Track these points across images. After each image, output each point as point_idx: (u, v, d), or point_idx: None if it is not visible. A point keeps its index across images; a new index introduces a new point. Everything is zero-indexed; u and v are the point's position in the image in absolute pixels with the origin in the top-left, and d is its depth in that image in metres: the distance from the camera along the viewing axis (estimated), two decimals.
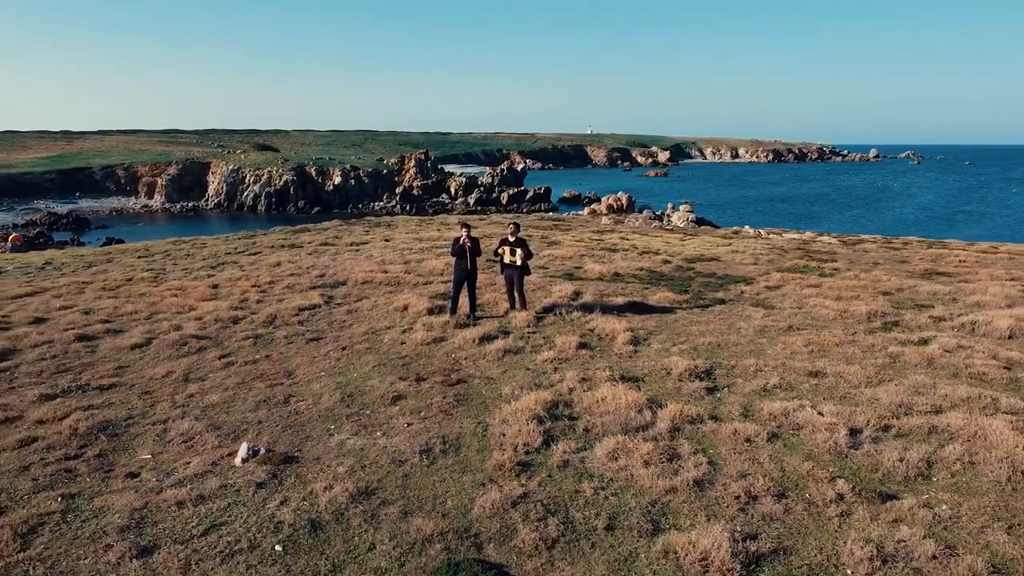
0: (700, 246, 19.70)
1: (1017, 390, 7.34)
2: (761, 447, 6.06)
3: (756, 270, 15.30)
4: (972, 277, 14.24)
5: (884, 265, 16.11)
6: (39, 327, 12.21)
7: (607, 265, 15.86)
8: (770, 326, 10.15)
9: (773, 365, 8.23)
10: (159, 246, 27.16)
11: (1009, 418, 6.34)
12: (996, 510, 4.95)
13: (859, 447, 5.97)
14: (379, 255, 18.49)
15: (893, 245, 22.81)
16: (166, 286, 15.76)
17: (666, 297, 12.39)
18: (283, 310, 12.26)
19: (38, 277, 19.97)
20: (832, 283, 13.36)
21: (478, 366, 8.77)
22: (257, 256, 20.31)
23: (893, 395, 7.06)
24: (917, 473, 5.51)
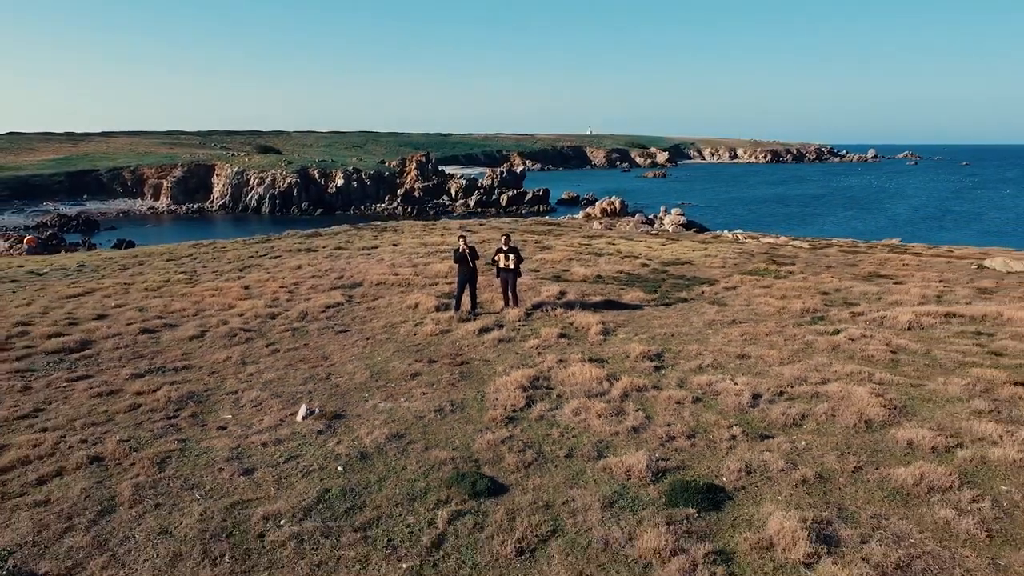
0: (677, 251, 21.90)
1: (893, 368, 9.51)
2: (686, 407, 8.23)
3: (721, 273, 17.48)
4: (907, 279, 16.43)
5: (835, 268, 18.31)
6: (103, 322, 14.38)
7: (591, 268, 18.06)
8: (718, 320, 12.34)
9: (711, 350, 10.41)
10: (182, 249, 29.29)
11: (873, 386, 8.52)
12: (836, 444, 7.12)
13: (756, 406, 8.15)
14: (389, 259, 20.67)
15: (858, 249, 24.98)
16: (203, 287, 17.92)
17: (638, 296, 14.57)
18: (312, 307, 14.43)
19: (80, 279, 22.09)
20: (781, 284, 15.55)
21: (477, 351, 10.94)
22: (278, 260, 22.48)
23: (795, 371, 9.23)
24: (792, 423, 7.68)
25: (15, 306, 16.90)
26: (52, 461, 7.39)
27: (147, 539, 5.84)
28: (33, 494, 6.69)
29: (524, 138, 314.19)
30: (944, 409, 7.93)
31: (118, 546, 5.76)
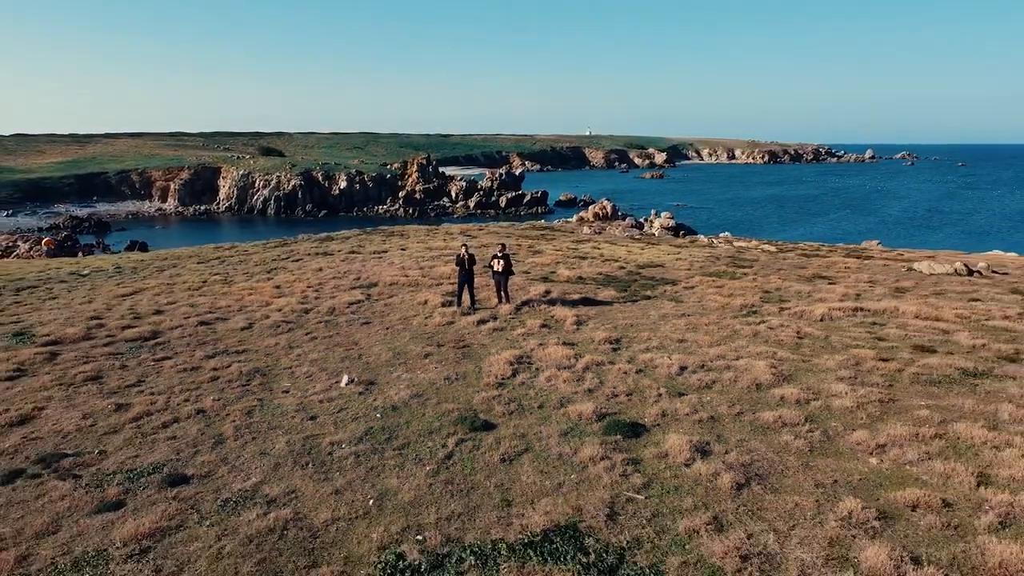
0: (653, 255, 24.78)
1: (794, 349, 12.37)
2: (630, 375, 11.08)
3: (685, 274, 20.35)
4: (841, 280, 19.30)
5: (784, 271, 21.18)
6: (163, 316, 17.23)
7: (575, 271, 20.93)
8: (670, 313, 15.21)
9: (658, 336, 13.27)
10: (207, 253, 32.12)
11: (772, 362, 11.38)
12: (730, 399, 9.99)
13: (681, 375, 11.01)
14: (399, 262, 23.54)
15: (818, 252, 27.85)
16: (239, 287, 20.77)
17: (610, 294, 17.44)
18: (337, 304, 17.29)
19: (124, 279, 24.90)
20: (733, 284, 18.43)
21: (475, 338, 13.80)
22: (299, 263, 25.33)
23: (718, 351, 12.10)
24: (704, 386, 10.54)
25: (79, 303, 19.77)
26: (168, 413, 10.26)
27: (253, 457, 8.71)
28: (163, 433, 9.55)
29: (523, 139, 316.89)
30: (817, 376, 10.80)
31: (234, 460, 8.62)
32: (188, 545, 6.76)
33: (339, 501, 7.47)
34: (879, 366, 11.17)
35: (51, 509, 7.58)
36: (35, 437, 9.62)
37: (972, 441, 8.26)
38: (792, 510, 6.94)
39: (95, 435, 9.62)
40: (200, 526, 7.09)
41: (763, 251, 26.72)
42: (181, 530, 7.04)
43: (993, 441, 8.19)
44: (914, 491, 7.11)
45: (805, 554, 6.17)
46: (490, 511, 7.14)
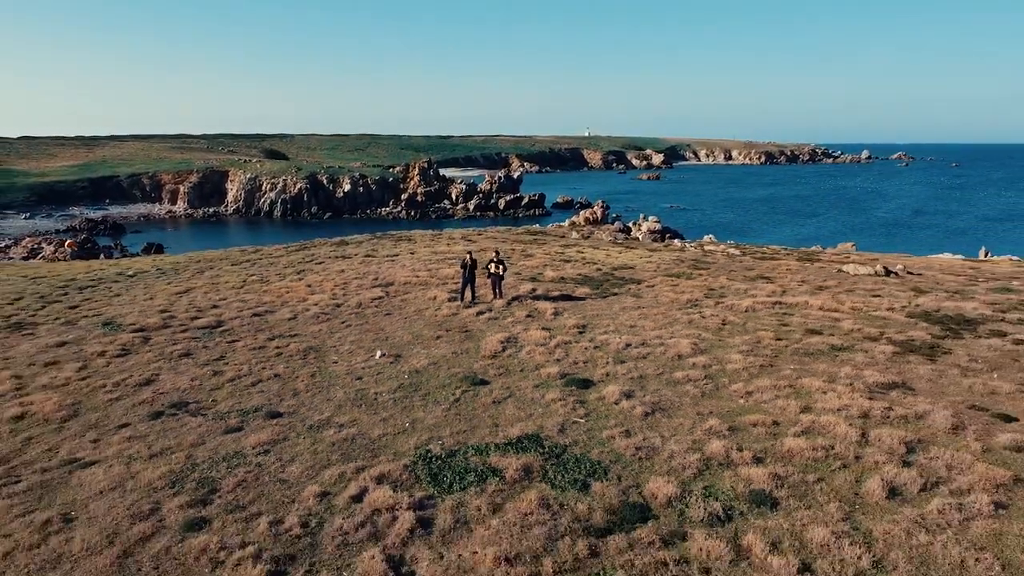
0: (628, 258, 28.76)
1: (716, 332, 16.32)
2: (590, 350, 15.04)
3: (650, 275, 24.32)
4: (778, 279, 23.26)
5: (735, 272, 25.15)
6: (219, 309, 21.18)
7: (558, 272, 24.90)
8: (629, 306, 19.18)
9: (615, 323, 17.24)
10: (236, 255, 36.05)
11: (695, 340, 15.34)
12: (657, 366, 13.94)
13: (625, 349, 14.97)
14: (409, 264, 27.50)
15: (777, 256, 31.81)
16: (275, 286, 24.70)
17: (584, 291, 21.40)
18: (363, 299, 21.25)
19: (172, 279, 28.79)
20: (686, 283, 22.40)
21: (475, 324, 17.76)
22: (323, 265, 29.29)
23: (657, 333, 16.06)
24: (640, 356, 14.50)
25: (143, 300, 23.72)
26: (252, 376, 14.22)
27: (321, 401, 12.67)
28: (254, 389, 13.52)
29: (522, 140, 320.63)
30: (724, 350, 14.77)
31: (309, 404, 12.57)
32: (293, 447, 10.73)
33: (385, 425, 11.45)
34: (773, 343, 15.15)
35: (194, 432, 11.55)
36: (161, 392, 13.60)
37: (810, 389, 12.23)
38: (676, 426, 10.92)
39: (204, 391, 13.60)
40: (298, 439, 11.06)
41: (726, 255, 30.68)
42: (286, 441, 11.01)
43: (823, 389, 12.16)
44: (758, 416, 11.09)
45: (676, 447, 10.14)
46: (484, 428, 11.12)
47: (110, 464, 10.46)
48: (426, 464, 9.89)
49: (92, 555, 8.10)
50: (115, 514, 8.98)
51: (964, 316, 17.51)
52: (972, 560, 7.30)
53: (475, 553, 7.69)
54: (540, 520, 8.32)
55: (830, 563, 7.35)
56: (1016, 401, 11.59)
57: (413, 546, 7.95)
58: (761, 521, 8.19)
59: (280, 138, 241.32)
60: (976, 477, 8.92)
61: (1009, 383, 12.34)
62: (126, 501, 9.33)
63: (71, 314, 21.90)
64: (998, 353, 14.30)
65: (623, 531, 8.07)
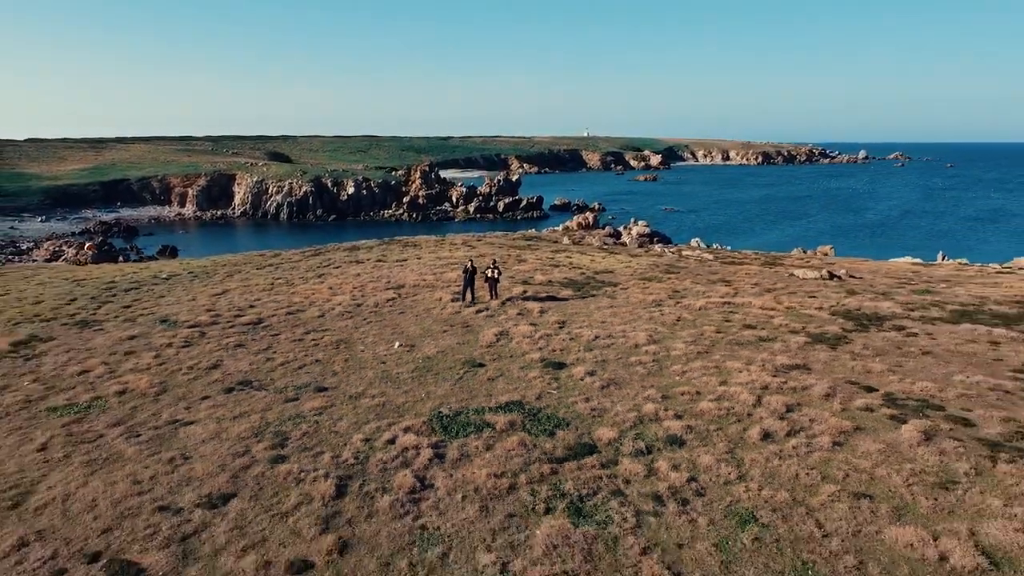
0: (610, 263, 32.51)
1: (670, 327, 20.05)
2: (566, 340, 18.79)
3: (626, 279, 28.06)
4: (736, 283, 26.99)
5: (701, 276, 28.89)
6: (257, 308, 24.93)
7: (547, 276, 28.65)
8: (603, 306, 22.93)
9: (589, 319, 20.99)
10: (259, 260, 39.75)
11: (651, 333, 19.09)
12: (617, 352, 17.69)
13: (595, 340, 18.73)
14: (417, 269, 31.25)
15: (745, 261, 35.56)
16: (301, 288, 28.44)
17: (568, 293, 25.15)
18: (379, 300, 24.99)
19: (207, 282, 32.49)
20: (655, 286, 26.13)
21: (475, 321, 21.51)
22: (340, 269, 33.03)
23: (622, 327, 19.81)
24: (605, 345, 18.26)
25: (187, 300, 27.45)
26: (298, 362, 17.96)
27: (356, 379, 16.42)
28: (301, 371, 17.26)
29: (522, 141, 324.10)
30: (673, 341, 18.51)
31: (347, 381, 16.32)
32: (340, 411, 14.48)
33: (407, 395, 15.21)
34: (713, 336, 18.90)
35: (262, 401, 15.29)
36: (228, 374, 17.35)
37: (731, 369, 15.99)
38: (623, 395, 14.68)
39: (262, 372, 17.36)
40: (342, 405, 14.81)
41: (699, 260, 34.44)
42: (333, 407, 14.75)
43: (741, 369, 15.91)
44: (686, 388, 14.84)
45: (620, 408, 13.89)
46: (481, 397, 14.88)
47: (205, 423, 14.22)
48: (439, 420, 13.65)
49: (211, 477, 11.84)
50: (219, 453, 12.73)
51: (877, 314, 21.28)
52: (803, 474, 11.05)
53: (474, 473, 11.44)
54: (519, 454, 12.07)
55: (709, 476, 11.11)
56: (882, 377, 15.35)
57: (431, 470, 11.70)
58: (670, 453, 11.95)
59: (283, 140, 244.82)
60: (828, 427, 12.67)
61: (883, 365, 16.11)
62: (224, 446, 13.08)
63: (127, 313, 25.63)
64: (888, 343, 18.07)
65: (575, 459, 11.82)
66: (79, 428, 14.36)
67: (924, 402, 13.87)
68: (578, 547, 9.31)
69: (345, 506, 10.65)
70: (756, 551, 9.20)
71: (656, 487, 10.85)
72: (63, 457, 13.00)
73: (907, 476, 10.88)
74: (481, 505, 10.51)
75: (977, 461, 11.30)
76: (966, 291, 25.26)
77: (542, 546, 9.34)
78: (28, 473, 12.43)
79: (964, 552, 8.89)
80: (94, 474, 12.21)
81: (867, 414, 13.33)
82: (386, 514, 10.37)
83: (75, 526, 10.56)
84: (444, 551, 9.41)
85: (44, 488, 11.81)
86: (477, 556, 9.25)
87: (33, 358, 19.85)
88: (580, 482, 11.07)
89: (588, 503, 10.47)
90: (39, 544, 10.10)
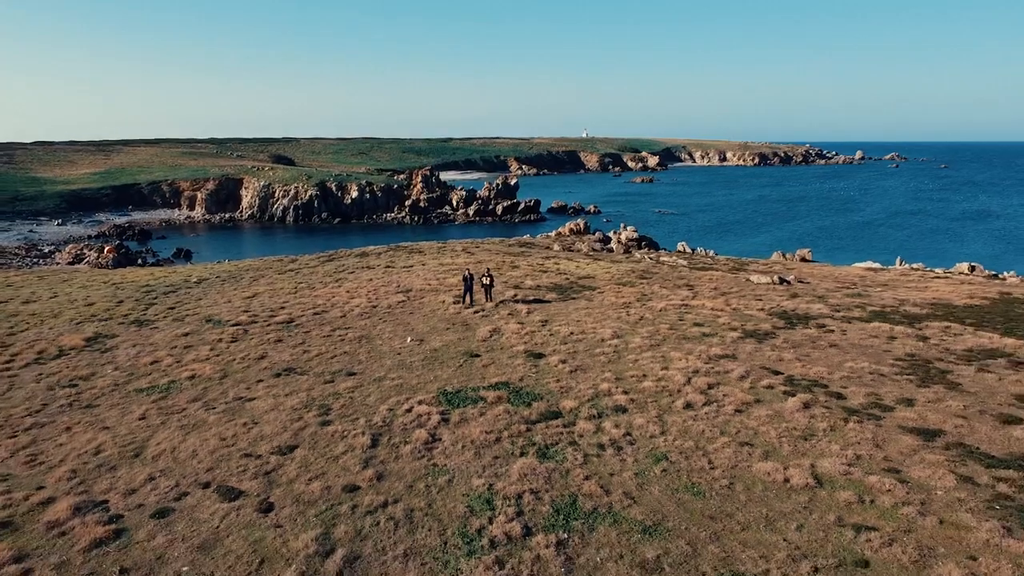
0: (592, 269, 36.82)
1: (633, 325, 24.36)
2: (547, 336, 23.11)
3: (604, 284, 32.36)
4: (697, 287, 31.28)
5: (669, 281, 33.18)
6: (286, 309, 29.25)
7: (536, 281, 32.95)
8: (581, 307, 27.23)
9: (568, 319, 25.31)
10: (279, 265, 44.04)
11: (616, 330, 23.41)
12: (586, 345, 22.01)
13: (570, 335, 23.05)
14: (422, 275, 35.56)
15: (714, 266, 39.83)
16: (322, 291, 32.74)
17: (552, 296, 29.46)
18: (391, 302, 29.30)
19: (237, 286, 36.76)
20: (627, 290, 30.43)
21: (472, 320, 25.83)
22: (354, 274, 37.31)
23: (593, 325, 24.12)
24: (577, 339, 22.58)
25: (224, 302, 31.76)
26: (330, 353, 22.28)
27: (378, 366, 20.74)
28: (332, 360, 21.57)
29: (521, 143, 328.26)
30: (633, 336, 22.80)
31: (370, 367, 20.64)
32: (368, 389, 18.79)
33: (419, 378, 19.53)
34: (666, 332, 23.21)
35: (306, 383, 19.59)
36: (274, 363, 21.66)
37: (673, 358, 20.29)
38: (586, 377, 18.99)
39: (302, 361, 21.67)
40: (370, 385, 19.12)
41: (672, 266, 38.73)
42: (362, 387, 19.06)
43: (681, 358, 20.21)
44: (636, 372, 19.15)
45: (582, 387, 18.21)
46: (476, 379, 19.20)
47: (264, 399, 18.54)
48: (444, 395, 17.98)
49: (277, 435, 16.15)
50: (280, 420, 17.04)
51: (808, 314, 25.60)
52: (708, 431, 15.37)
53: (470, 431, 15.75)
54: (504, 418, 16.38)
55: (640, 432, 15.43)
56: (789, 364, 19.68)
57: (439, 429, 16.00)
58: (615, 417, 16.26)
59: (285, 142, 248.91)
60: (735, 400, 16.98)
61: (794, 355, 20.44)
62: (282, 415, 17.39)
63: (174, 313, 29.94)
64: (805, 338, 22.39)
65: (544, 422, 16.14)
66: (166, 403, 18.70)
67: (814, 382, 18.20)
68: (541, 475, 13.64)
69: (378, 452, 14.98)
70: (662, 477, 13.53)
71: (600, 439, 15.18)
72: (161, 423, 17.34)
73: (780, 431, 15.22)
74: (475, 451, 14.83)
75: (835, 422, 15.64)
76: (892, 295, 29.60)
77: (516, 474, 13.66)
78: (137, 435, 16.76)
79: (801, 477, 13.21)
80: (188, 435, 16.54)
81: (767, 391, 17.66)
82: (408, 457, 14.70)
83: (185, 467, 14.89)
84: (449, 479, 13.73)
85: (154, 444, 16.14)
86: (471, 481, 13.57)
87: (107, 351, 24.18)
88: (546, 436, 15.39)
89: (551, 449, 14.80)
90: (163, 478, 14.42)
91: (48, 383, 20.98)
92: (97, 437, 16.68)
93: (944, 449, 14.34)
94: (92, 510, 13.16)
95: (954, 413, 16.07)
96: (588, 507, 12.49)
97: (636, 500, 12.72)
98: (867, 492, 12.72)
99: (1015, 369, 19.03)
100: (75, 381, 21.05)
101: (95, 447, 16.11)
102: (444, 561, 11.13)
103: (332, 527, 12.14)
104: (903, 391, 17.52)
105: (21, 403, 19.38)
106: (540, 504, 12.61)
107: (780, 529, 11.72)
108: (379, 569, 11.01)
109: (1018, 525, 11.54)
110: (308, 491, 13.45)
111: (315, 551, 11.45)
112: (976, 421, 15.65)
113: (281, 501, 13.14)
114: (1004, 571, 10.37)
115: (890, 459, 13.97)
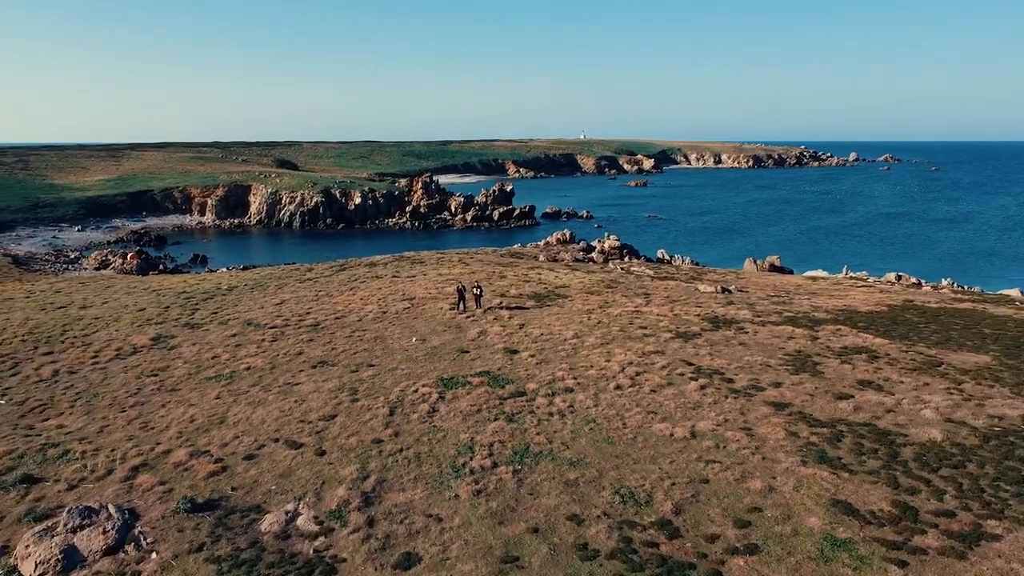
0: (568, 279, 43.15)
1: (592, 327, 30.68)
2: (522, 335, 29.46)
3: (576, 292, 38.67)
4: (652, 296, 37.60)
5: (631, 290, 39.50)
6: (311, 314, 35.60)
7: (520, 290, 39.29)
8: (553, 313, 33.58)
9: (541, 323, 31.66)
10: (297, 274, 50.35)
11: (576, 331, 29.77)
12: (553, 345, 28.35)
13: (540, 336, 29.41)
14: (424, 284, 41.92)
15: (676, 276, 46.17)
16: (339, 299, 39.08)
17: (531, 304, 35.80)
18: (398, 309, 35.64)
19: (266, 293, 43.08)
20: (593, 298, 36.76)
21: (465, 324, 32.17)
22: (365, 283, 43.63)
23: (560, 328, 30.47)
24: (545, 339, 28.93)
25: (257, 308, 38.10)
26: (352, 350, 28.64)
27: (391, 360, 27.09)
28: (357, 354, 27.93)
29: (519, 145, 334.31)
30: (590, 336, 29.12)
31: (386, 360, 27.00)
32: (384, 376, 25.13)
33: (423, 368, 25.88)
34: (615, 333, 29.55)
35: (337, 373, 25.93)
36: (310, 357, 28.01)
37: (615, 353, 26.62)
38: (549, 368, 25.33)
39: (331, 356, 28.00)
40: (386, 374, 25.47)
41: (639, 275, 45.02)
42: (380, 375, 25.40)
43: (621, 352, 26.54)
44: (585, 363, 25.49)
45: (544, 374, 24.55)
46: (466, 368, 25.56)
47: (307, 383, 24.86)
48: (441, 380, 24.33)
49: (321, 408, 22.47)
50: (322, 398, 23.36)
51: (734, 319, 31.92)
52: (629, 404, 21.71)
53: (460, 404, 22.08)
54: (484, 396, 22.70)
55: (579, 405, 21.78)
56: (701, 358, 26.00)
57: (438, 403, 22.33)
58: (564, 396, 22.60)
59: (288, 146, 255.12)
60: (653, 383, 23.31)
61: (707, 351, 26.77)
62: (322, 395, 23.71)
63: (217, 317, 36.28)
64: (723, 338, 28.73)
65: (512, 399, 22.48)
66: (233, 387, 25.05)
67: (715, 371, 24.55)
68: (507, 432, 19.98)
69: (395, 419, 21.33)
70: (589, 433, 19.87)
71: (551, 409, 21.53)
72: (233, 401, 23.69)
73: (678, 404, 21.58)
74: (462, 417, 21.19)
75: (718, 398, 22.01)
76: (811, 302, 35.98)
77: (490, 432, 20.01)
78: (217, 409, 23.10)
79: (682, 432, 19.55)
80: (255, 408, 22.88)
81: (679, 377, 24.02)
82: (415, 421, 21.04)
83: (259, 429, 21.23)
84: (444, 435, 20.08)
85: (232, 415, 22.48)
86: (459, 436, 19.92)
87: (172, 348, 30.53)
88: (513, 407, 21.74)
89: (515, 416, 21.15)
90: (245, 436, 20.77)
91: (135, 373, 27.32)
92: (188, 411, 23.03)
93: (788, 416, 20.70)
94: (201, 456, 19.52)
95: (806, 392, 22.45)
96: (536, 451, 18.87)
97: (568, 447, 19.09)
98: (723, 441, 19.10)
99: (870, 362, 25.39)
100: (155, 372, 27.40)
101: (188, 417, 22.47)
102: (440, 481, 17.50)
103: (366, 463, 18.51)
104: (778, 377, 23.90)
105: (120, 388, 25.73)
106: (504, 449, 18.98)
107: (659, 463, 18.09)
108: (399, 486, 17.38)
109: (812, 460, 17.90)
110: (348, 443, 19.81)
111: (356, 476, 17.81)
112: (819, 398, 22.02)
113: (330, 449, 19.51)
114: (790, 484, 16.73)
115: (748, 422, 20.33)
